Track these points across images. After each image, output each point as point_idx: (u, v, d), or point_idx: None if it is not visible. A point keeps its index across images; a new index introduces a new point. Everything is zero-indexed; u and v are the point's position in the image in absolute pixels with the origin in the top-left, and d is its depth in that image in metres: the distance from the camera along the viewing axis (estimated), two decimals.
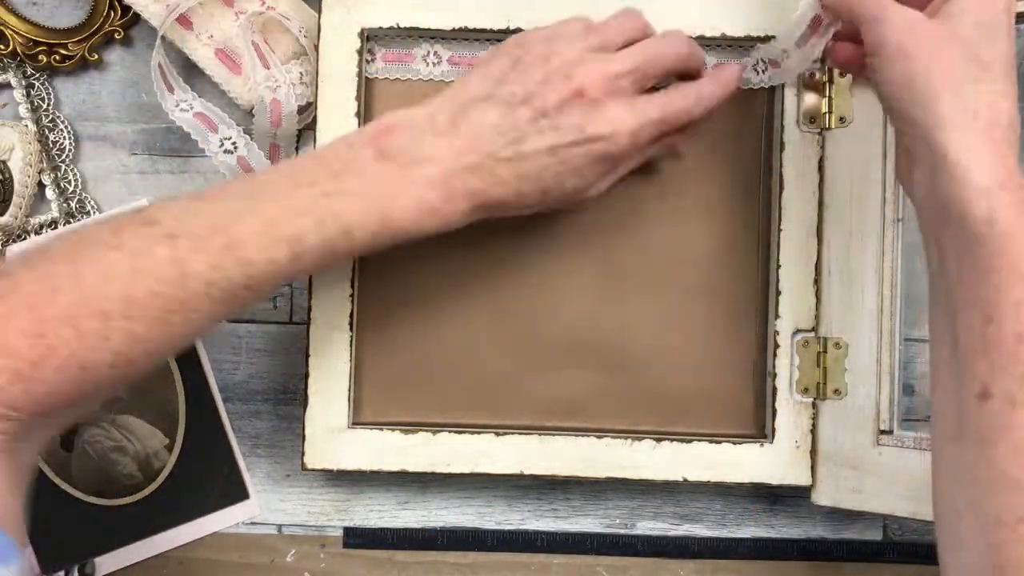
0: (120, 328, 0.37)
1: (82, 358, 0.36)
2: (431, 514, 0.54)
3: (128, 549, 0.53)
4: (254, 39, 0.50)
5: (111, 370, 0.37)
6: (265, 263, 0.39)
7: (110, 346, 0.37)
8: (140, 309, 0.37)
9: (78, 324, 0.36)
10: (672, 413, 0.51)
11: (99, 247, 0.38)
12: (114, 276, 0.37)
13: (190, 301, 0.38)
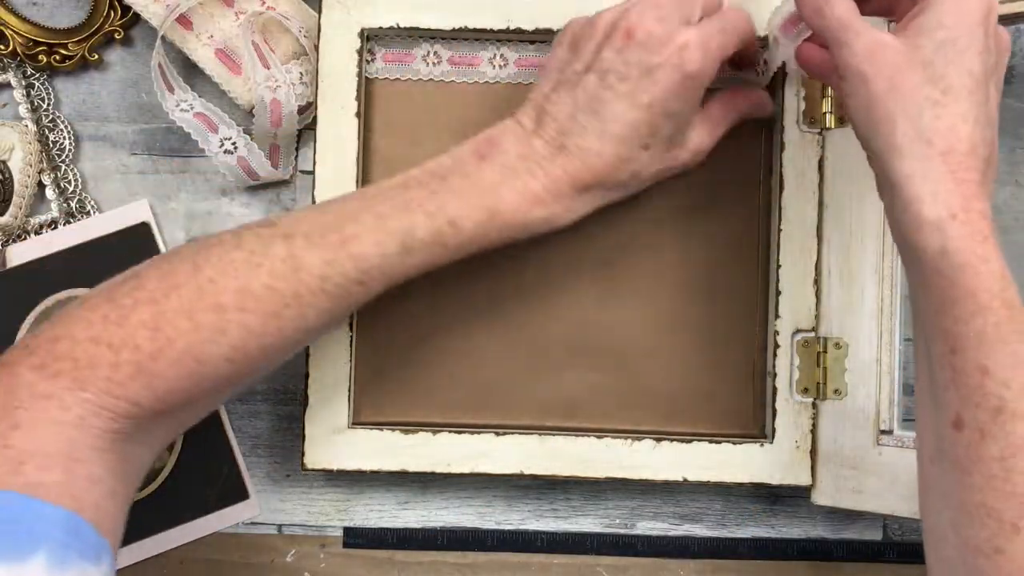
0: (235, 321, 0.38)
1: (198, 351, 0.38)
2: (431, 514, 0.54)
3: (128, 549, 0.53)
4: (254, 39, 0.50)
5: (227, 364, 0.39)
6: (377, 257, 0.40)
7: (226, 339, 0.38)
8: (255, 302, 0.38)
9: (194, 316, 0.38)
10: (672, 413, 0.51)
11: (220, 248, 0.40)
12: (231, 271, 0.39)
13: (304, 296, 0.39)
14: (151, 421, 0.38)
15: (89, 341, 0.37)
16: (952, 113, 0.37)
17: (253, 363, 0.40)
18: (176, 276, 0.39)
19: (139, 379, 0.37)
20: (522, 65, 0.50)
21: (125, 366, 0.37)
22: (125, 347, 0.37)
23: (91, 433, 0.36)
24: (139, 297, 0.38)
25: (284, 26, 0.50)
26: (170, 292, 0.38)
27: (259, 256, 0.39)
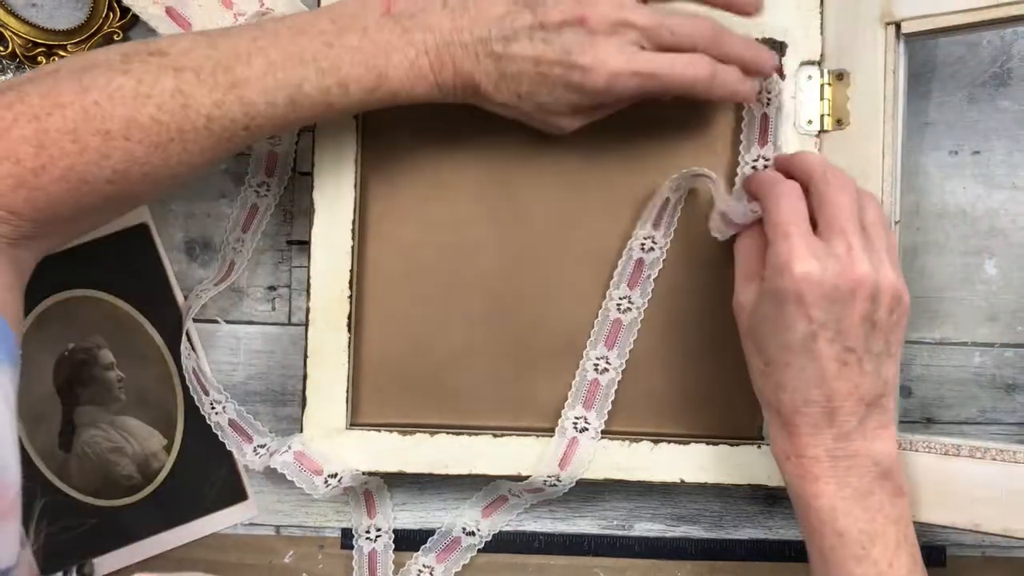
0: (120, 148, 0.39)
1: (82, 171, 0.39)
2: (429, 515, 0.54)
3: (127, 549, 0.53)
4: None
5: (109, 185, 0.40)
6: (264, 105, 0.40)
7: (110, 163, 0.39)
8: (141, 132, 0.39)
9: (80, 138, 0.38)
10: (669, 415, 0.51)
11: (107, 70, 0.39)
12: (119, 98, 0.39)
13: (189, 132, 0.40)
14: (34, 230, 0.39)
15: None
16: (773, 382, 0.43)
17: (135, 187, 0.40)
18: (60, 94, 0.38)
19: (20, 192, 0.38)
20: None
21: (6, 178, 0.37)
22: (6, 159, 0.37)
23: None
24: (20, 111, 0.38)
25: None
26: (54, 110, 0.38)
27: (147, 87, 0.39)
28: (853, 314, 0.41)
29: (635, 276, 0.50)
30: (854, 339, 0.41)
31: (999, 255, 0.53)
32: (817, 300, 0.40)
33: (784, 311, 0.41)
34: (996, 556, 0.54)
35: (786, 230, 0.41)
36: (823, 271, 0.40)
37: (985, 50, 0.52)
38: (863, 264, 0.41)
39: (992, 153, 0.53)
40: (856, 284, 0.40)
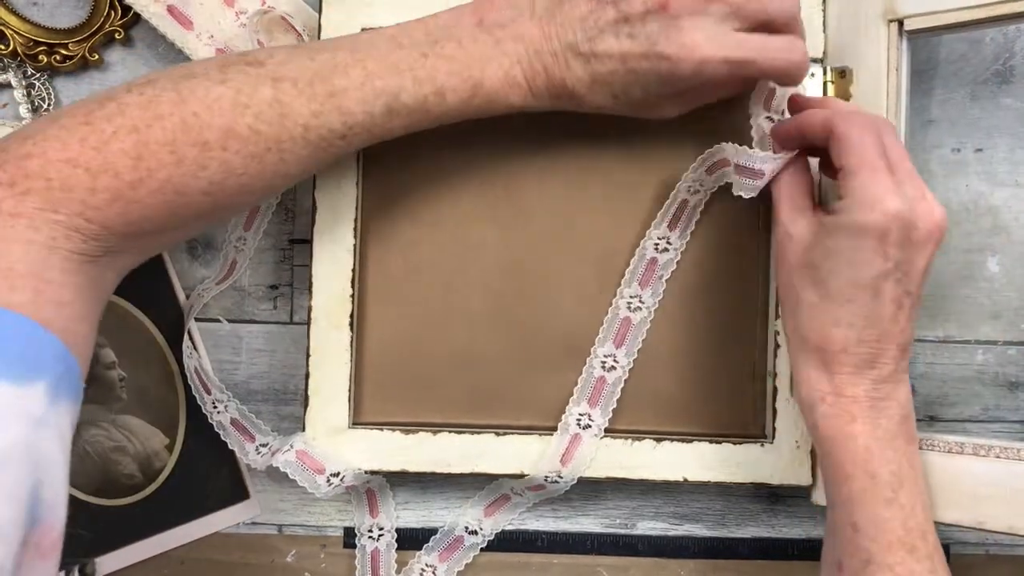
0: (218, 158, 0.39)
1: (179, 183, 0.38)
2: (431, 514, 0.54)
3: (128, 549, 0.53)
4: (258, 38, 0.50)
5: (204, 197, 0.39)
6: (362, 114, 0.41)
7: (207, 175, 0.39)
8: (239, 142, 0.39)
9: (178, 149, 0.38)
10: (672, 413, 0.50)
11: (205, 81, 0.39)
12: (217, 108, 0.39)
13: (286, 142, 0.40)
14: (121, 245, 0.39)
15: (64, 163, 0.36)
16: (825, 317, 0.42)
17: (230, 199, 0.40)
18: (160, 105, 0.38)
19: (116, 205, 0.37)
20: None
21: (103, 192, 0.37)
22: (104, 173, 0.37)
23: (60, 255, 0.36)
24: (120, 124, 0.38)
25: (284, 26, 0.50)
26: (153, 122, 0.38)
27: (246, 96, 0.39)
28: (922, 259, 0.40)
29: (647, 275, 0.50)
30: (915, 284, 0.41)
31: (1002, 253, 0.53)
32: (900, 240, 0.40)
33: (862, 246, 0.40)
34: (1000, 554, 0.54)
35: (874, 163, 0.40)
36: (911, 211, 0.40)
37: (988, 47, 0.52)
38: (939, 211, 0.40)
39: (995, 151, 0.53)
40: (934, 228, 0.40)
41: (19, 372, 0.33)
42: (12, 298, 0.34)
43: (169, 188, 0.38)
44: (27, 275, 0.35)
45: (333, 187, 0.49)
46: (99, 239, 0.38)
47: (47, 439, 0.34)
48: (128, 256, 0.41)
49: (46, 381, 0.34)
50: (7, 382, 0.32)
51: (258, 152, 0.39)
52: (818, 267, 0.42)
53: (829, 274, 0.41)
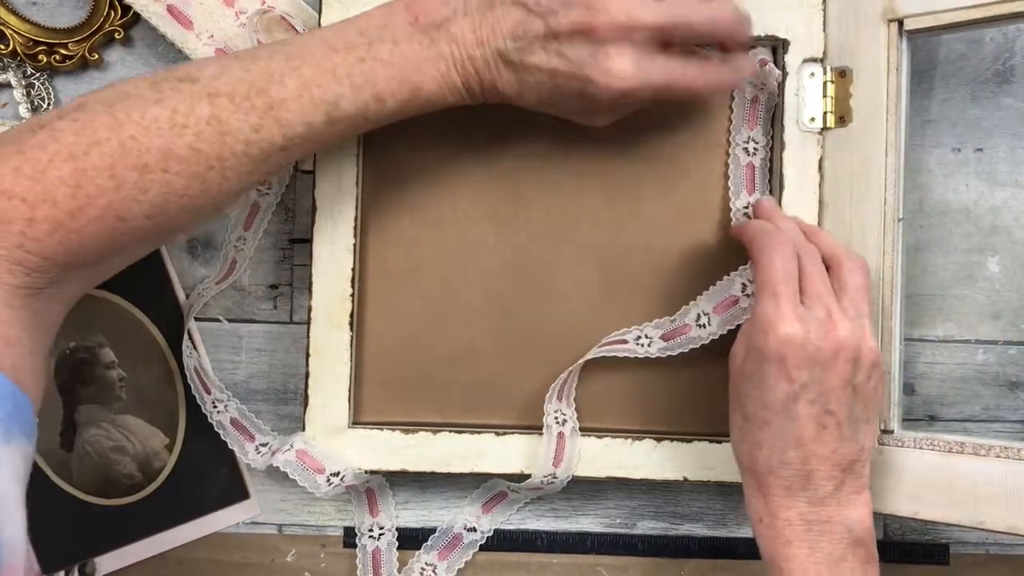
0: (158, 181, 0.38)
1: (120, 208, 0.37)
2: (431, 514, 0.54)
3: (128, 549, 0.53)
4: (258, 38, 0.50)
5: (147, 220, 0.38)
6: (302, 125, 0.40)
7: (148, 198, 0.38)
8: (179, 163, 0.38)
9: (117, 174, 0.37)
10: (672, 413, 0.50)
11: (139, 101, 0.38)
12: (155, 130, 0.38)
13: (228, 159, 0.39)
14: (64, 275, 0.38)
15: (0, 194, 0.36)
16: (750, 440, 0.43)
17: (172, 221, 0.40)
18: (95, 130, 0.37)
19: (56, 235, 0.36)
20: None
21: (42, 222, 0.36)
22: (43, 203, 0.36)
23: (4, 291, 0.36)
24: (55, 151, 0.37)
25: (284, 26, 0.50)
26: (90, 148, 0.37)
27: (183, 116, 0.38)
28: (835, 377, 0.41)
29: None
30: (835, 402, 0.41)
31: (1002, 252, 0.53)
32: (800, 362, 0.41)
33: (765, 370, 0.41)
34: (1000, 554, 0.54)
35: (775, 289, 0.42)
36: (806, 333, 0.41)
37: (988, 47, 0.52)
38: (844, 327, 0.41)
39: (995, 150, 0.52)
40: (838, 347, 0.41)
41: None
42: None
43: (110, 214, 0.37)
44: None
45: (333, 187, 0.49)
46: (41, 271, 0.37)
47: (1, 479, 0.33)
48: (73, 285, 0.40)
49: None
50: None
51: (199, 171, 0.39)
52: (738, 390, 0.43)
53: (747, 398, 0.43)
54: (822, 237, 0.45)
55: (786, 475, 0.42)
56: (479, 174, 0.50)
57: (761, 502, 0.43)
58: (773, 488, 0.42)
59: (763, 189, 0.49)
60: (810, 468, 0.42)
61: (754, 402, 0.42)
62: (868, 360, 0.42)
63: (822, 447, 0.41)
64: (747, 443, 0.43)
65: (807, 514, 0.42)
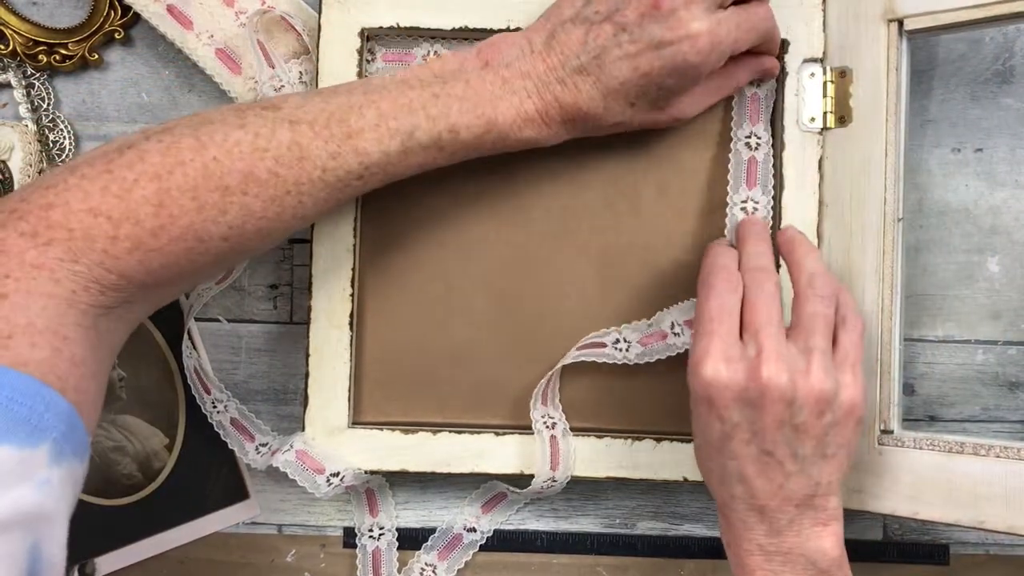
0: (238, 203, 0.39)
1: (199, 229, 0.38)
2: (431, 514, 0.54)
3: (128, 549, 0.53)
4: (258, 38, 0.50)
5: (223, 242, 0.39)
6: (378, 154, 0.41)
7: (227, 219, 0.39)
8: (258, 186, 0.39)
9: (199, 196, 0.38)
10: (672, 413, 0.50)
11: (223, 126, 0.39)
12: (237, 153, 0.39)
13: (305, 184, 0.40)
14: (137, 295, 0.39)
15: (87, 212, 0.36)
16: (704, 470, 0.44)
17: (248, 243, 0.40)
18: (180, 151, 0.38)
19: (136, 253, 0.37)
20: None
21: (124, 240, 0.37)
22: (126, 221, 0.37)
23: (79, 309, 0.36)
24: (141, 171, 0.37)
25: (284, 26, 0.50)
26: (175, 168, 0.38)
27: (264, 140, 0.39)
28: (767, 417, 0.40)
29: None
30: (771, 442, 0.41)
31: (1002, 252, 0.53)
32: (727, 402, 0.41)
33: (699, 409, 0.42)
34: (1000, 554, 0.54)
35: (705, 328, 0.42)
36: (731, 374, 0.40)
37: (988, 47, 0.52)
38: (769, 367, 0.40)
39: (995, 151, 0.52)
40: (764, 388, 0.40)
41: (24, 435, 0.32)
42: (32, 355, 0.34)
43: (190, 235, 0.38)
44: (46, 331, 0.35)
45: None
46: (117, 289, 0.37)
47: (50, 498, 0.33)
48: (142, 306, 0.40)
49: (51, 441, 0.33)
50: (11, 445, 0.32)
51: (278, 195, 0.40)
52: (693, 424, 0.43)
53: (695, 432, 0.43)
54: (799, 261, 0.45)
55: (739, 508, 0.42)
56: (479, 172, 0.50)
57: (725, 528, 0.44)
58: (731, 518, 0.43)
59: (765, 183, 0.49)
60: (760, 503, 0.41)
61: (698, 436, 0.43)
62: (808, 399, 0.40)
63: (767, 483, 0.41)
64: (704, 472, 0.44)
65: (766, 545, 0.42)
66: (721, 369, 0.40)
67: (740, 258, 0.45)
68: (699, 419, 0.42)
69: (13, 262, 0.35)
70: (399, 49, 0.50)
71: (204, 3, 0.50)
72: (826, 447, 0.41)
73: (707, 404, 0.41)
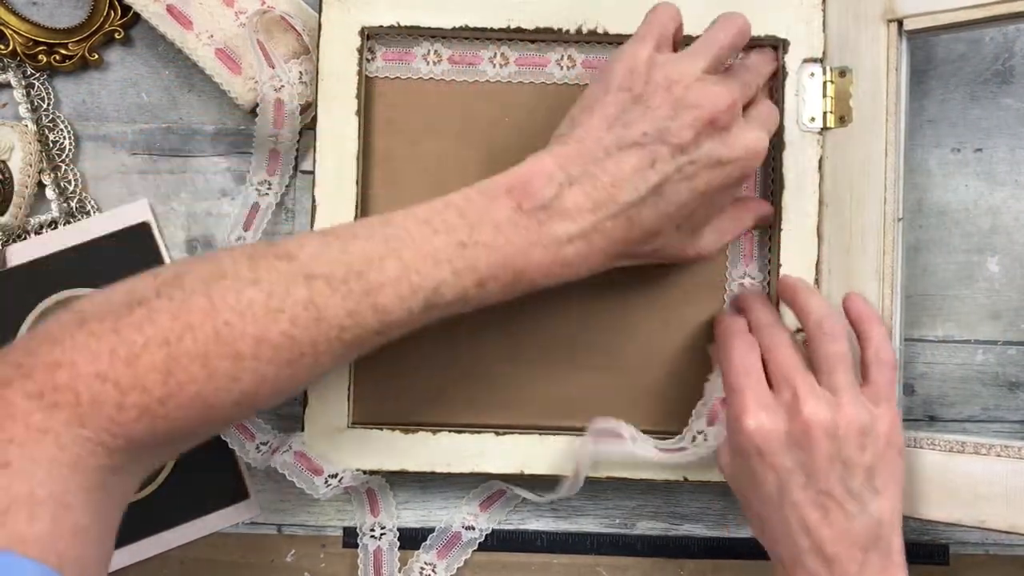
0: (250, 369, 0.36)
1: (209, 396, 0.36)
2: (431, 514, 0.54)
3: (128, 548, 0.53)
4: (258, 38, 0.50)
5: (235, 408, 0.37)
6: (399, 311, 0.38)
7: (238, 386, 0.37)
8: (272, 350, 0.37)
9: (209, 363, 0.36)
10: (671, 413, 0.50)
11: (236, 282, 0.37)
12: (250, 316, 0.36)
13: (321, 344, 0.37)
14: (144, 455, 0.37)
15: (94, 377, 0.35)
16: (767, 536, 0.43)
17: (261, 406, 0.38)
18: (190, 314, 0.36)
19: (144, 420, 0.35)
20: (522, 64, 0.50)
21: (131, 408, 0.35)
22: (134, 389, 0.35)
23: (84, 473, 0.34)
24: (151, 335, 0.35)
25: (284, 26, 0.50)
26: (184, 333, 0.36)
27: (279, 299, 0.37)
28: (817, 455, 0.40)
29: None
30: (826, 481, 0.40)
31: (1001, 252, 0.53)
32: (777, 449, 0.41)
33: (751, 466, 0.42)
34: (1000, 554, 0.54)
35: (735, 384, 0.42)
36: (774, 420, 0.41)
37: (987, 47, 0.52)
38: (808, 405, 0.41)
39: (994, 151, 0.53)
40: (807, 425, 0.40)
41: None
42: (30, 530, 0.32)
43: (199, 402, 0.36)
44: (48, 501, 0.33)
45: (333, 187, 0.49)
46: (124, 451, 0.36)
47: None
48: (153, 460, 0.39)
49: None
50: None
51: (292, 358, 0.37)
52: (738, 492, 0.44)
53: (746, 498, 0.44)
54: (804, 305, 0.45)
55: (809, 564, 0.41)
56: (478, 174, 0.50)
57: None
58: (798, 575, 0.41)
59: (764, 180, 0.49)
60: (828, 553, 0.40)
61: (754, 500, 0.42)
62: (849, 430, 0.40)
63: (830, 530, 0.40)
64: (765, 539, 0.43)
65: None
66: (763, 418, 0.41)
67: (749, 322, 0.46)
68: (752, 476, 0.42)
69: (19, 426, 0.33)
70: (399, 48, 0.50)
71: (204, 3, 0.50)
72: (875, 479, 0.41)
73: (758, 456, 0.41)
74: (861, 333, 0.45)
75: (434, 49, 0.50)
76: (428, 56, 0.50)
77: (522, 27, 0.49)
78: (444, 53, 0.50)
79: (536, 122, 0.49)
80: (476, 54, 0.50)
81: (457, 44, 0.50)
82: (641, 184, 0.40)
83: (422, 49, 0.50)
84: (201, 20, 0.50)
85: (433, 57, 0.50)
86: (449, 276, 0.39)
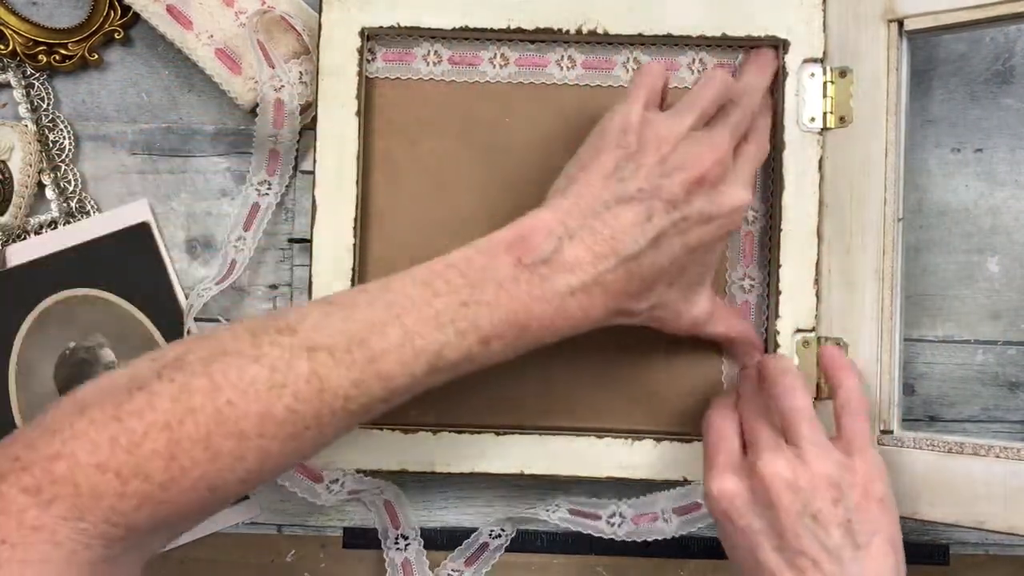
0: (255, 447, 0.36)
1: (213, 479, 0.35)
2: (431, 514, 0.54)
3: None
4: (258, 38, 0.50)
5: (239, 486, 0.37)
6: (404, 377, 0.38)
7: (243, 465, 0.36)
8: (276, 427, 0.36)
9: (212, 445, 0.35)
10: (672, 413, 0.50)
11: (237, 359, 0.36)
12: (253, 393, 0.36)
13: (325, 416, 0.37)
14: (145, 542, 0.36)
15: (94, 468, 0.34)
16: None
17: (265, 479, 0.38)
18: (192, 397, 0.35)
19: (145, 508, 0.34)
20: (522, 64, 0.50)
21: (132, 497, 0.34)
22: (135, 477, 0.34)
23: (78, 567, 0.34)
24: (151, 420, 0.35)
25: (284, 26, 0.50)
26: (186, 417, 0.35)
27: (281, 375, 0.36)
28: (783, 513, 0.39)
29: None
30: (796, 540, 0.39)
31: (1002, 252, 0.53)
32: (744, 511, 0.41)
33: (726, 532, 0.42)
34: (1000, 554, 0.54)
35: (708, 456, 0.43)
36: (736, 482, 0.41)
37: (988, 47, 0.52)
38: (764, 458, 0.40)
39: (995, 151, 0.53)
40: (766, 482, 0.40)
41: None
42: None
43: (203, 485, 0.35)
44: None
45: (333, 187, 0.49)
46: (123, 540, 0.35)
47: None
48: (154, 545, 0.38)
49: None
50: None
51: (296, 432, 0.37)
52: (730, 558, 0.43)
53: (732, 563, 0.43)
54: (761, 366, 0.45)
55: None
56: (479, 174, 0.50)
57: None
58: None
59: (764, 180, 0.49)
60: None
61: (736, 566, 0.42)
62: (816, 484, 0.40)
63: None
64: None
65: None
66: (727, 480, 0.41)
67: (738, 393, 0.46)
68: (728, 542, 0.42)
69: (12, 523, 0.33)
70: (399, 48, 0.50)
71: (204, 3, 0.50)
72: (856, 535, 0.40)
73: (727, 521, 0.41)
74: (833, 382, 0.45)
75: (434, 49, 0.50)
76: (428, 56, 0.50)
77: (522, 27, 0.49)
78: (444, 53, 0.50)
79: (536, 122, 0.49)
80: (476, 54, 0.50)
81: (457, 44, 0.50)
82: (640, 237, 0.40)
83: (422, 49, 0.50)
84: (201, 20, 0.50)
85: (433, 57, 0.50)
86: (452, 337, 0.38)
